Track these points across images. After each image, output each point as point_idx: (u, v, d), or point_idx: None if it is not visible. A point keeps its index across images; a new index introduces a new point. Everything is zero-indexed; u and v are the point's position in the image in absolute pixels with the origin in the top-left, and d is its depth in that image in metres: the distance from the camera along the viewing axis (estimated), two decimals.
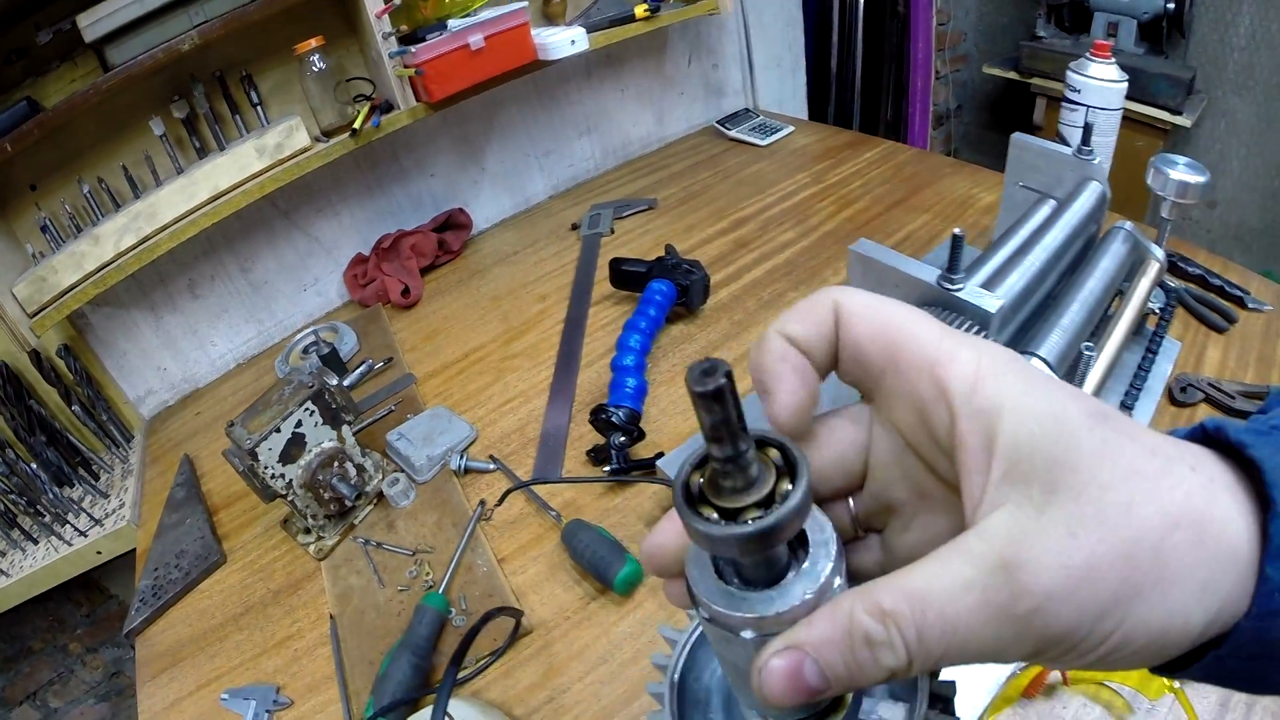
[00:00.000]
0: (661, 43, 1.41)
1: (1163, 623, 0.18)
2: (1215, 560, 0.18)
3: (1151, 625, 0.18)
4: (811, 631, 0.19)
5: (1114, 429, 0.19)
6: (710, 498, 0.19)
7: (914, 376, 0.21)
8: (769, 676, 0.19)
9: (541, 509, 0.75)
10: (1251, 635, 0.18)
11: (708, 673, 0.27)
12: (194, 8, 0.91)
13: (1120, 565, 0.18)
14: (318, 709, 0.64)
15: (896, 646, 0.18)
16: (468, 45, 0.99)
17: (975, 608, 0.18)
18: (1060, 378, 0.59)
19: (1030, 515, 0.18)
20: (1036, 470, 0.19)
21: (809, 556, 0.20)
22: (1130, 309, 0.74)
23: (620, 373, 0.79)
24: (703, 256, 1.08)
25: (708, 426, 0.18)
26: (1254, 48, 1.97)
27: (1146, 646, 0.18)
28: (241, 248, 1.10)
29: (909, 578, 0.19)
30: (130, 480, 0.98)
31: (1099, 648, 0.18)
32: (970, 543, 0.19)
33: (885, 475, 0.24)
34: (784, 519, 0.18)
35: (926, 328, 0.21)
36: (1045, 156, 0.82)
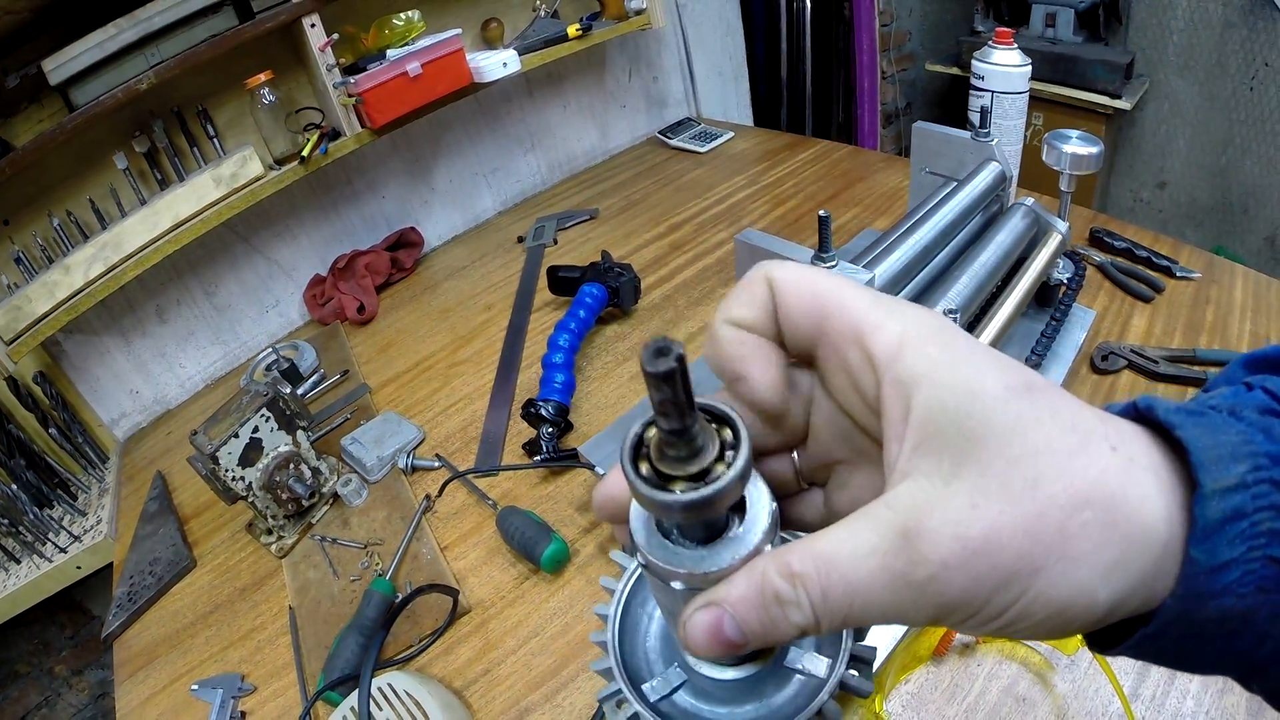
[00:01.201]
0: (600, 59, 1.48)
1: (1064, 599, 0.18)
2: (1126, 541, 0.18)
3: (1052, 600, 0.18)
4: (731, 590, 0.20)
5: (1033, 403, 0.19)
6: (655, 462, 0.20)
7: (843, 346, 0.21)
8: (692, 629, 0.20)
9: (480, 500, 0.81)
10: (1178, 615, 0.19)
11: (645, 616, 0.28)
12: (150, 49, 0.96)
13: (1020, 539, 0.18)
14: (278, 692, 0.69)
15: (804, 606, 0.19)
16: (406, 73, 1.06)
17: (875, 572, 0.19)
18: None
19: (936, 486, 0.19)
20: (947, 442, 0.19)
21: (744, 523, 0.21)
22: (1026, 278, 0.79)
23: (550, 369, 0.85)
24: (638, 260, 1.15)
25: (656, 402, 0.19)
26: (1193, 29, 2.01)
27: (1048, 620, 0.19)
28: (205, 273, 1.15)
29: (818, 542, 0.20)
30: (107, 498, 1.03)
31: (999, 618, 0.19)
32: (877, 510, 0.19)
33: (826, 434, 0.24)
34: (717, 493, 0.19)
35: (855, 297, 0.21)
36: (947, 142, 0.87)
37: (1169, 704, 0.53)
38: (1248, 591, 0.18)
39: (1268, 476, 0.18)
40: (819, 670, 0.24)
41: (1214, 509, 0.18)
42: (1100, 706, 0.54)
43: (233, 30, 0.98)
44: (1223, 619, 0.18)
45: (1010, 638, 0.21)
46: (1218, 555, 0.18)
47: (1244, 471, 0.18)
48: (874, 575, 0.19)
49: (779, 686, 0.25)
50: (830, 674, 0.24)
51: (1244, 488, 0.18)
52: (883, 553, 0.19)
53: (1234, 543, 0.18)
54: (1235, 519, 0.18)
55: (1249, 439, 0.19)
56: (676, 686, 0.25)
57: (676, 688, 0.25)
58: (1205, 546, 0.18)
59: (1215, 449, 0.19)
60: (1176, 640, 0.19)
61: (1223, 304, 0.89)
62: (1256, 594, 0.18)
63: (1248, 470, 0.18)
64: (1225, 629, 0.18)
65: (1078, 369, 0.83)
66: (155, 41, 0.96)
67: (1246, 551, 0.18)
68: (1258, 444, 0.19)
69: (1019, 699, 0.56)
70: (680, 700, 0.25)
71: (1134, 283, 0.93)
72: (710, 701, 0.25)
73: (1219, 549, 0.18)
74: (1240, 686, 0.21)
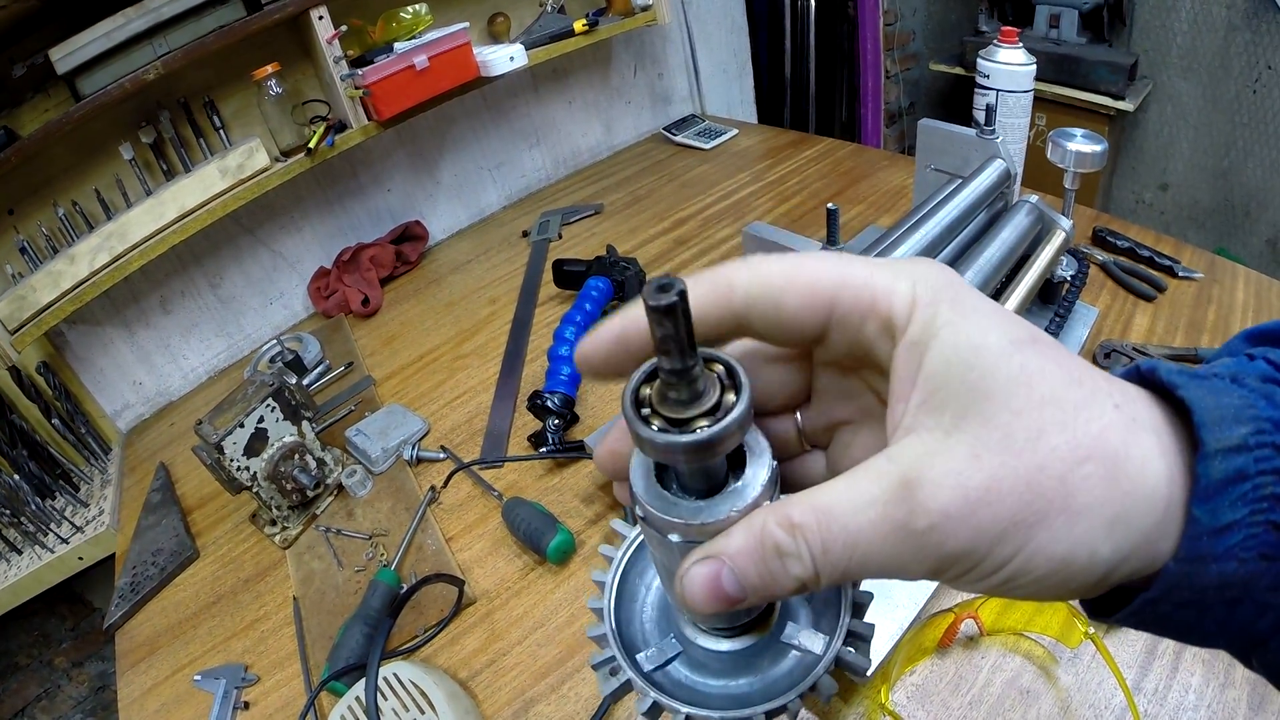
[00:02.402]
0: (606, 55, 1.48)
1: (1065, 552, 0.18)
2: (1128, 497, 0.18)
3: (1054, 554, 0.18)
4: (729, 542, 0.20)
5: (1038, 354, 0.19)
6: (656, 407, 0.20)
7: (857, 323, 0.21)
8: (689, 583, 0.20)
9: (486, 491, 0.81)
10: (1180, 579, 0.18)
11: (643, 586, 0.28)
12: (158, 39, 0.96)
13: (1021, 490, 0.18)
14: (282, 682, 0.69)
15: (804, 557, 0.19)
16: (413, 66, 1.06)
17: (876, 523, 0.19)
18: None
19: (938, 438, 0.19)
20: (952, 396, 0.19)
21: (743, 477, 0.21)
22: (1030, 275, 0.80)
23: (556, 361, 0.85)
24: (643, 255, 1.15)
25: (658, 339, 0.18)
26: (1196, 31, 2.02)
27: (1050, 575, 0.18)
28: (210, 265, 1.16)
29: (819, 494, 0.19)
30: (109, 489, 1.03)
31: (999, 571, 0.18)
32: (878, 463, 0.19)
33: (830, 395, 0.24)
34: (720, 433, 0.19)
35: (855, 271, 0.21)
36: (951, 139, 0.87)
37: (1171, 697, 0.54)
38: (1250, 556, 0.18)
39: (1270, 441, 0.18)
40: (815, 647, 0.24)
41: (1217, 469, 0.18)
42: (1104, 699, 0.54)
43: (241, 21, 0.98)
44: (1224, 585, 0.18)
45: (1010, 596, 0.20)
46: (1220, 516, 0.18)
47: (1246, 433, 0.18)
48: (874, 525, 0.19)
49: (775, 661, 0.25)
50: (826, 650, 0.24)
51: (1246, 450, 0.18)
52: (883, 503, 0.19)
53: (1236, 504, 0.18)
54: (1238, 480, 0.18)
55: (1251, 403, 0.19)
56: (671, 657, 0.25)
57: (671, 659, 0.25)
58: (1208, 506, 0.18)
59: (1218, 410, 0.19)
60: (1177, 606, 0.19)
61: (1224, 304, 0.89)
62: (1259, 560, 0.18)
63: (1250, 433, 0.18)
64: (1226, 596, 0.18)
65: None
66: (163, 32, 0.96)
67: (1249, 514, 0.18)
68: (1260, 409, 0.19)
69: (1023, 691, 0.56)
70: (675, 672, 0.25)
71: (1137, 282, 0.94)
72: (705, 674, 0.25)
73: (1221, 510, 0.18)
74: (1242, 664, 0.21)
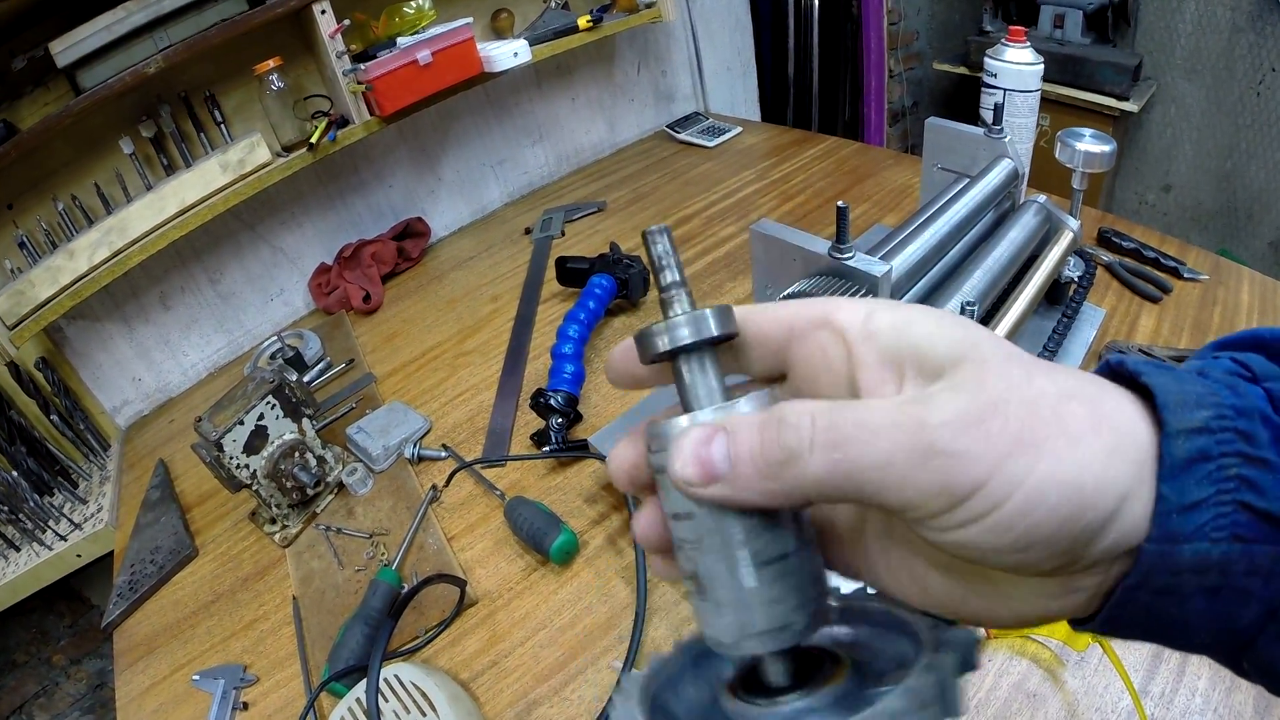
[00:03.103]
0: (610, 52, 1.47)
1: (1074, 476, 0.18)
2: (1117, 433, 0.19)
3: (1064, 479, 0.18)
4: (734, 416, 0.21)
5: (987, 337, 0.20)
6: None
7: (812, 333, 0.23)
8: (678, 450, 0.20)
9: (488, 490, 0.80)
10: (1157, 560, 0.18)
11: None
12: (158, 33, 0.96)
13: (1021, 411, 0.18)
14: (281, 683, 0.69)
15: (805, 435, 0.19)
16: (416, 61, 1.05)
17: (887, 412, 0.19)
18: None
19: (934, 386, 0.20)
20: (925, 363, 0.20)
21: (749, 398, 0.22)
22: (1039, 275, 0.79)
23: (559, 360, 0.84)
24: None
25: (656, 258, 0.22)
26: (1200, 32, 2.02)
27: (1063, 504, 0.18)
28: (210, 260, 1.15)
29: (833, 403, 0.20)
30: (108, 486, 1.03)
31: (1011, 497, 0.18)
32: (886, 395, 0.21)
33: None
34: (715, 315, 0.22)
35: (814, 299, 0.23)
36: (959, 138, 0.87)
37: (1178, 700, 0.53)
38: (1222, 537, 0.18)
39: (1232, 425, 0.19)
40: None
41: (1180, 448, 0.18)
42: (1110, 703, 0.54)
43: (243, 15, 0.98)
44: (1200, 568, 0.18)
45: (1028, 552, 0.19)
46: (1187, 494, 0.18)
47: (1208, 416, 0.19)
48: (886, 414, 0.19)
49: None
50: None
51: (1208, 431, 0.19)
52: (897, 404, 0.19)
53: (1202, 483, 0.18)
54: (1201, 460, 0.18)
55: (1213, 391, 0.19)
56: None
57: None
58: (1174, 484, 0.18)
59: (1180, 394, 0.19)
60: (1156, 594, 0.19)
61: (1229, 306, 0.89)
62: (1231, 541, 0.18)
63: (1212, 416, 0.19)
64: (1204, 584, 0.18)
65: (1086, 367, 0.82)
66: (164, 25, 0.95)
67: (1216, 494, 0.18)
68: (1222, 396, 0.19)
69: (1030, 695, 0.55)
70: None
71: (1142, 283, 0.93)
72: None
73: (1188, 488, 0.18)
74: (1236, 674, 0.21)
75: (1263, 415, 0.19)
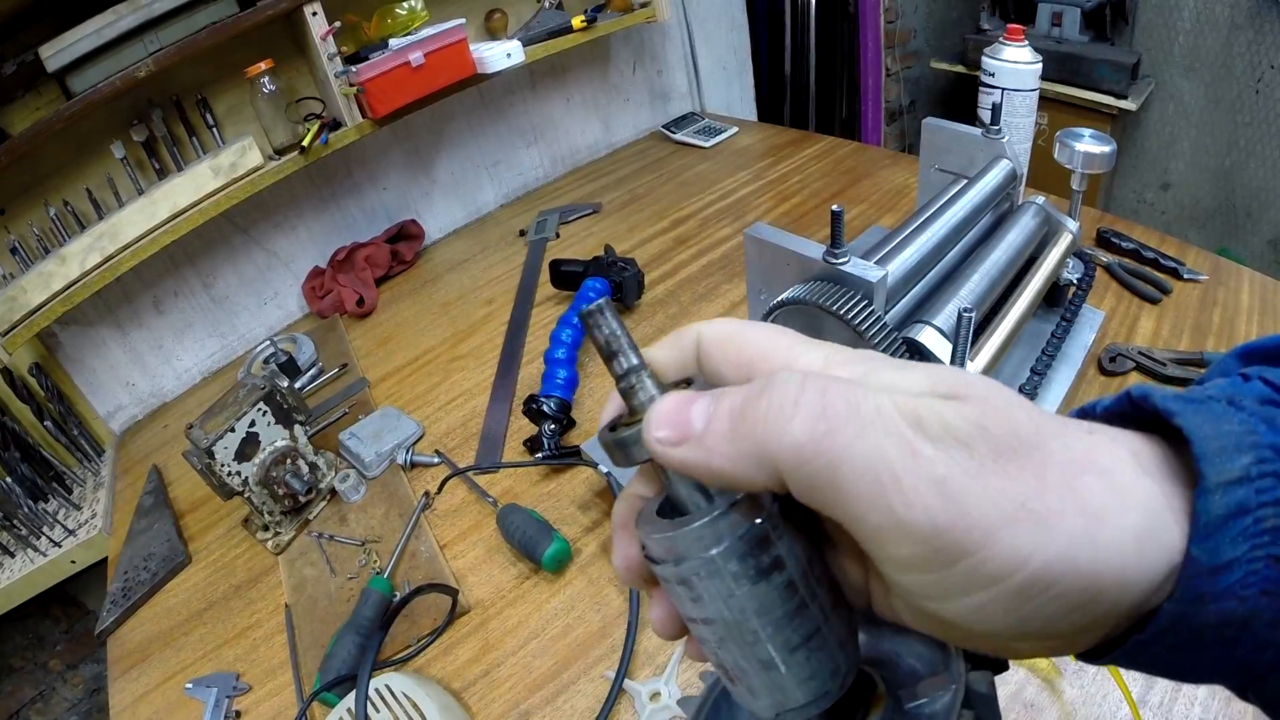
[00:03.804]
0: (605, 52, 1.47)
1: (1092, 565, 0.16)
2: (1145, 512, 0.17)
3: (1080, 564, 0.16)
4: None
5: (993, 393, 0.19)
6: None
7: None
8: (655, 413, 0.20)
9: (481, 497, 0.80)
10: (1176, 619, 0.17)
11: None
12: (149, 36, 0.95)
13: (1027, 467, 0.17)
14: (274, 691, 0.68)
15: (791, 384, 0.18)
16: (408, 62, 1.04)
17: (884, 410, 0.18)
18: (950, 342, 0.63)
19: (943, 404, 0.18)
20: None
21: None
22: (1038, 277, 0.78)
23: (552, 365, 0.84)
24: (642, 255, 1.13)
25: (601, 344, 0.20)
26: (1199, 30, 2.01)
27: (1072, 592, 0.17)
28: (203, 264, 1.14)
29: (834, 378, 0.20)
30: (102, 492, 1.02)
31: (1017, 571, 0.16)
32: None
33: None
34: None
35: (777, 340, 0.21)
36: (957, 139, 0.86)
37: (1177, 710, 0.53)
38: (1250, 594, 0.17)
39: (1272, 470, 0.17)
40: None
41: (1218, 504, 0.17)
42: (1108, 713, 0.53)
43: (233, 18, 0.97)
44: (1222, 625, 0.17)
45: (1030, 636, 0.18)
46: (1220, 554, 0.17)
47: (1248, 463, 0.17)
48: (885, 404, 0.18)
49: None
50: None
51: (1248, 481, 0.17)
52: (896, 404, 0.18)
53: (1237, 541, 0.17)
54: (1239, 515, 0.17)
55: (1252, 429, 0.17)
56: None
57: None
58: (1208, 545, 0.17)
59: (1218, 439, 0.17)
60: (1170, 648, 0.18)
61: (1229, 307, 0.88)
62: (1260, 597, 0.17)
63: (1252, 462, 0.17)
64: (1224, 635, 0.17)
65: (1085, 370, 0.82)
66: (154, 28, 0.94)
67: (1250, 550, 0.17)
68: (1260, 435, 0.17)
69: (1027, 705, 0.55)
70: None
71: (1141, 284, 0.93)
72: None
73: (1222, 548, 0.17)
74: (1237, 696, 0.20)
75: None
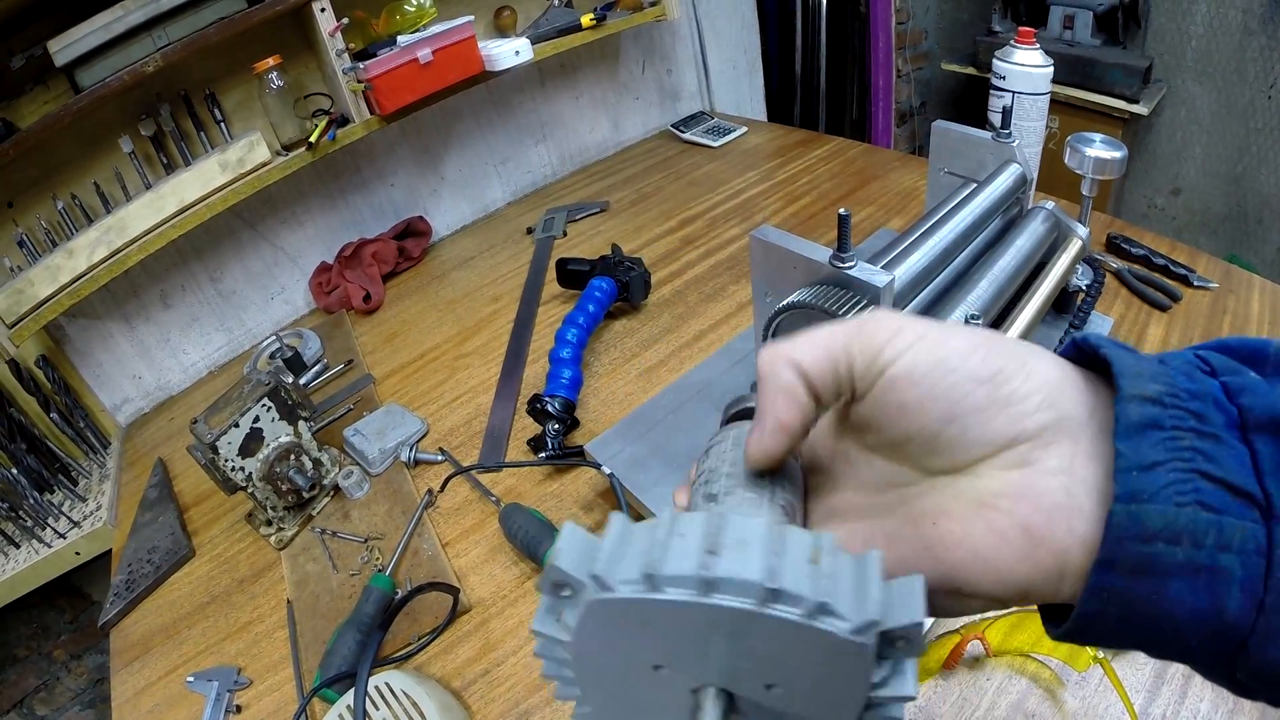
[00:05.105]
0: (614, 50, 1.46)
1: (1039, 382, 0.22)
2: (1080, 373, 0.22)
3: (1037, 376, 0.22)
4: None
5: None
6: None
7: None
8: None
9: (484, 496, 0.80)
10: (1126, 524, 0.19)
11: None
12: (157, 31, 0.95)
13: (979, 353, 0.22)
14: (274, 686, 0.68)
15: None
16: (416, 59, 1.04)
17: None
18: None
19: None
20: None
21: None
22: (1046, 284, 0.78)
23: (557, 365, 0.83)
24: (649, 254, 1.13)
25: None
26: (1211, 35, 2.00)
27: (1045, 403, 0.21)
28: (210, 259, 1.15)
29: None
30: (107, 484, 1.03)
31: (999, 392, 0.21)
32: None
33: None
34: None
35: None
36: (966, 142, 0.85)
37: None
38: (1186, 501, 0.18)
39: (1184, 405, 0.19)
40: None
41: (1133, 411, 0.20)
42: None
43: (242, 13, 0.97)
44: (1170, 535, 0.18)
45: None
46: (1144, 455, 0.19)
47: (1160, 390, 0.20)
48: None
49: None
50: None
51: (1159, 404, 0.20)
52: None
53: (1156, 447, 0.19)
54: (1153, 427, 0.19)
55: (1169, 374, 0.21)
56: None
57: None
58: (1130, 443, 0.19)
59: (1136, 368, 0.21)
60: (1132, 573, 0.19)
61: (1240, 315, 0.88)
62: (1197, 507, 0.18)
63: (1165, 391, 0.20)
64: (1179, 557, 0.18)
65: None
66: (163, 23, 0.94)
67: (1172, 459, 0.19)
68: (1176, 380, 0.20)
69: (1028, 715, 0.55)
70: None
71: (1151, 291, 0.92)
72: None
73: (1144, 449, 0.19)
74: (1232, 692, 0.20)
75: (1215, 400, 0.20)
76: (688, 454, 0.71)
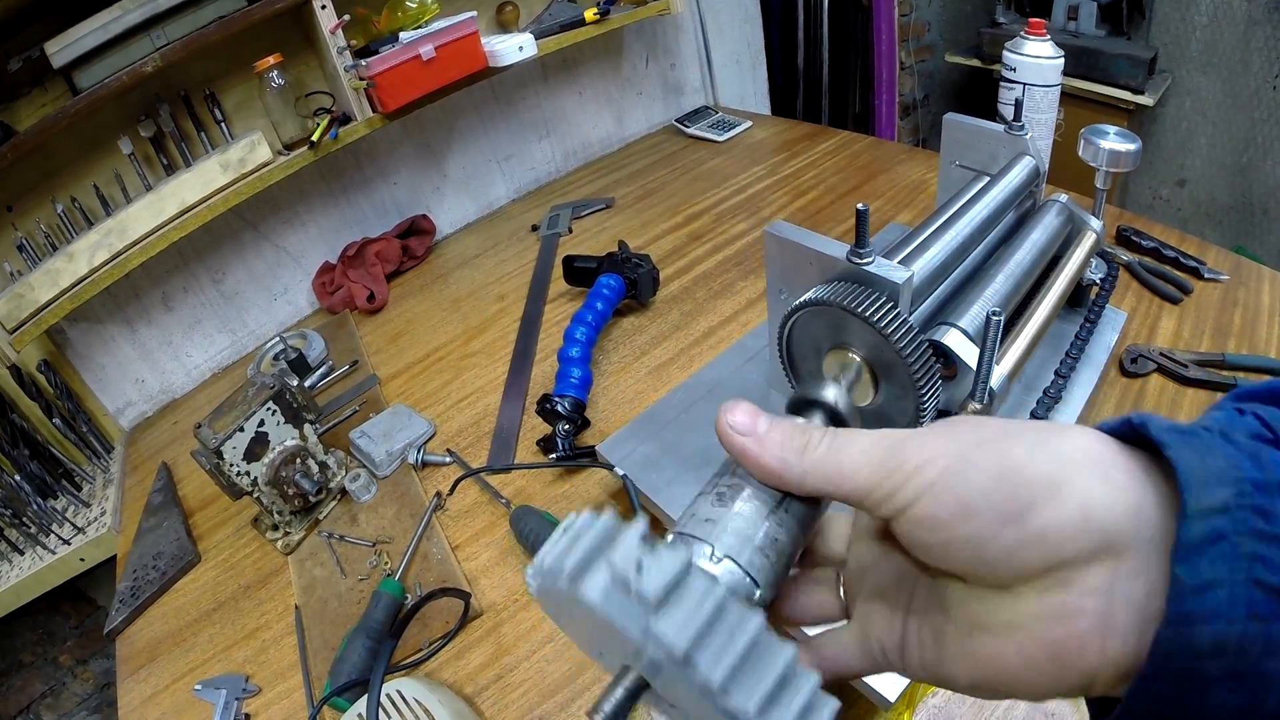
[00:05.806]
0: (617, 45, 1.45)
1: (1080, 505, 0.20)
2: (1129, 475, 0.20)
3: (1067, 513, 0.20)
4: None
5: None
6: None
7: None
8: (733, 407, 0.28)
9: (494, 498, 0.79)
10: (1172, 644, 0.18)
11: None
12: (155, 31, 0.94)
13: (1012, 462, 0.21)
14: (284, 694, 0.67)
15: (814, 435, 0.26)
16: (419, 56, 1.03)
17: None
18: (976, 345, 0.62)
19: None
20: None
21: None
22: (1062, 278, 0.76)
23: (566, 364, 0.82)
24: (656, 251, 1.12)
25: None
26: (1216, 25, 1.98)
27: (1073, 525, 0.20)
28: (212, 260, 1.13)
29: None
30: (111, 489, 1.02)
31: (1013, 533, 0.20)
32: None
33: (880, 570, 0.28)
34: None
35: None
36: (978, 135, 0.84)
37: None
38: (1238, 616, 0.18)
39: (1251, 503, 0.18)
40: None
41: (1196, 529, 0.18)
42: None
43: (241, 11, 0.96)
44: (1217, 650, 0.18)
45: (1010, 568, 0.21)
46: (1201, 574, 0.18)
47: (1228, 497, 0.19)
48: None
49: None
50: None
51: (1226, 512, 0.18)
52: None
53: (1216, 563, 0.18)
54: (1217, 540, 0.18)
55: (1236, 464, 0.19)
56: None
57: None
58: (1188, 566, 0.18)
59: (1202, 470, 0.19)
60: (1176, 684, 0.19)
61: (1250, 307, 0.87)
62: (1248, 619, 0.18)
63: (1231, 496, 0.19)
64: (1224, 668, 0.18)
65: (1107, 372, 0.80)
66: (161, 23, 0.93)
67: (1230, 573, 0.18)
68: (1244, 469, 0.19)
69: (1048, 714, 0.54)
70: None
71: (1162, 284, 0.91)
72: None
73: (1201, 568, 0.18)
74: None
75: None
76: (700, 454, 0.70)
